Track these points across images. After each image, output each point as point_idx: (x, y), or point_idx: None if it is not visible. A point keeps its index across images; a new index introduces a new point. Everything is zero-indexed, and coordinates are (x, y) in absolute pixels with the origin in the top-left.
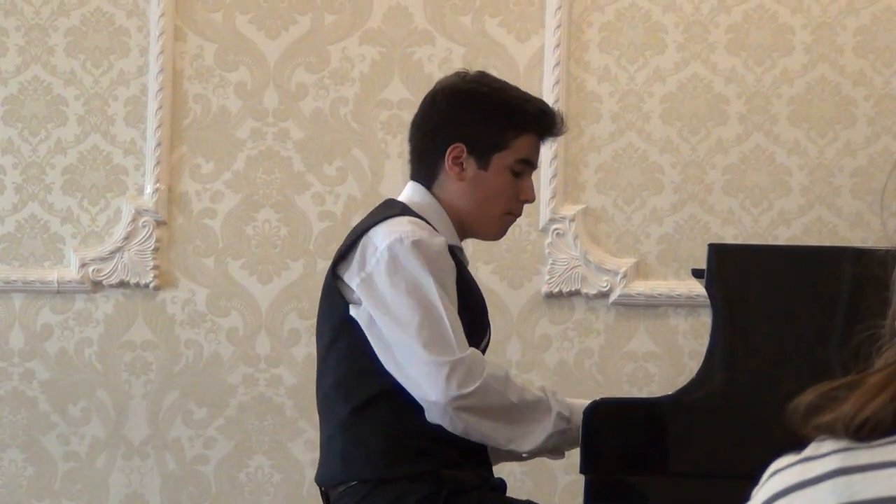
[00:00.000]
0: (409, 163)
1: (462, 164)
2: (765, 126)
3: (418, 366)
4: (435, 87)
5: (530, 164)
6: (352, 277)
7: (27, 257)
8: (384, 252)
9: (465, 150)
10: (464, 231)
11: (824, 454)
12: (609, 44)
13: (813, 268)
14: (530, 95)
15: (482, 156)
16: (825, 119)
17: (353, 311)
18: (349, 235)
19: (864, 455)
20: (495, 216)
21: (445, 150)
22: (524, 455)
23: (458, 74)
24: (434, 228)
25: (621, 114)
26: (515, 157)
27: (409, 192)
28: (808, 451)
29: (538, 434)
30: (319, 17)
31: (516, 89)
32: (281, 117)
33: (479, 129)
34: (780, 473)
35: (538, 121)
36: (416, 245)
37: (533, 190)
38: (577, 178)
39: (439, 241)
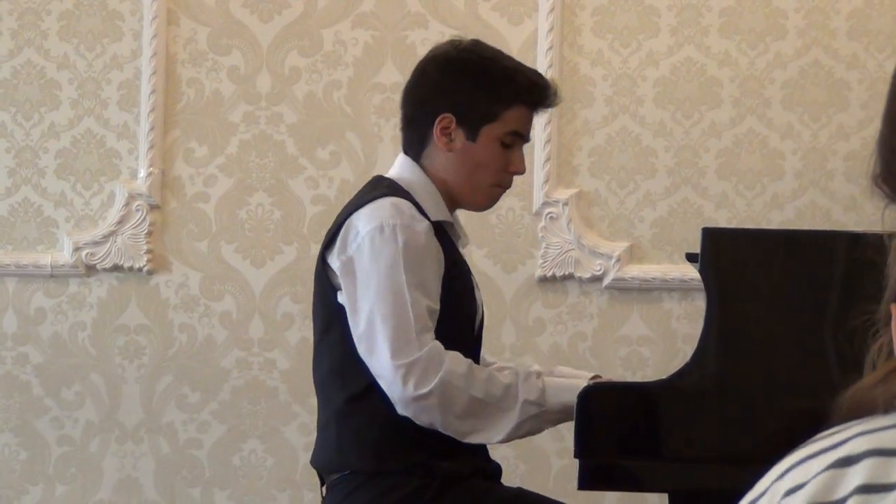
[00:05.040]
0: (400, 131)
1: (450, 134)
2: (758, 110)
3: (381, 363)
4: (427, 54)
5: (521, 136)
6: (334, 260)
7: (20, 241)
8: (364, 238)
9: (454, 120)
10: (453, 202)
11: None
12: (602, 27)
13: (807, 252)
14: (523, 66)
15: (471, 127)
16: (818, 103)
17: (340, 298)
18: (336, 219)
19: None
20: (483, 187)
21: (434, 120)
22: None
23: (451, 43)
24: (420, 207)
25: (614, 97)
26: (505, 130)
27: (399, 167)
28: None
29: (504, 425)
30: (312, 0)
31: (510, 59)
32: (274, 101)
33: (469, 100)
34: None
35: (530, 93)
36: (397, 233)
37: (523, 162)
38: (571, 161)
39: (421, 227)
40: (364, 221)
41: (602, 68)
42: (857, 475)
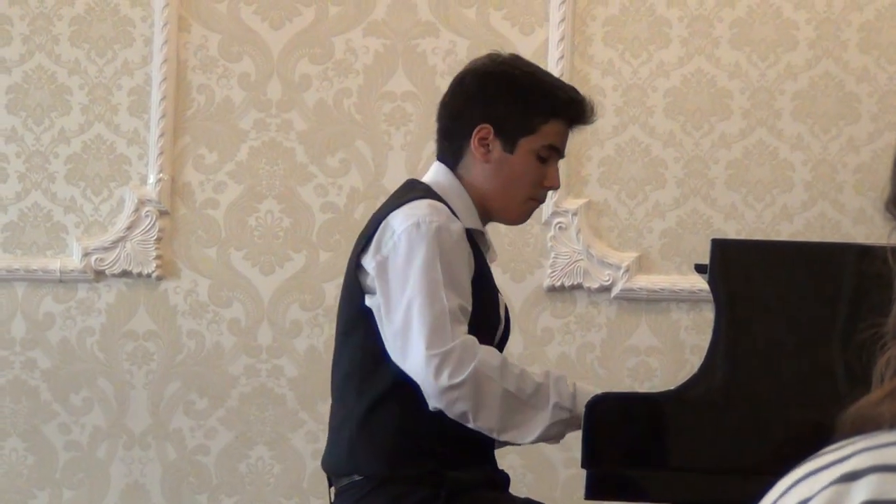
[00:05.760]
0: (435, 142)
1: (488, 145)
2: (768, 121)
3: (415, 355)
4: (465, 67)
5: (557, 150)
6: (369, 261)
7: (30, 246)
8: (401, 236)
9: (491, 131)
10: (487, 214)
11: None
12: (613, 38)
13: (816, 264)
14: (562, 82)
15: (509, 139)
16: (829, 115)
17: (368, 301)
18: (370, 222)
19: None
20: (518, 201)
21: (472, 131)
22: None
23: (490, 56)
24: (454, 212)
25: (625, 108)
26: (542, 143)
27: (434, 173)
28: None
29: (535, 425)
30: (324, 8)
31: (549, 74)
32: (284, 108)
33: (508, 112)
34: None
35: (568, 108)
36: (433, 231)
37: (558, 177)
38: (581, 171)
39: (457, 228)
40: (400, 220)
41: (612, 78)
42: (861, 491)
